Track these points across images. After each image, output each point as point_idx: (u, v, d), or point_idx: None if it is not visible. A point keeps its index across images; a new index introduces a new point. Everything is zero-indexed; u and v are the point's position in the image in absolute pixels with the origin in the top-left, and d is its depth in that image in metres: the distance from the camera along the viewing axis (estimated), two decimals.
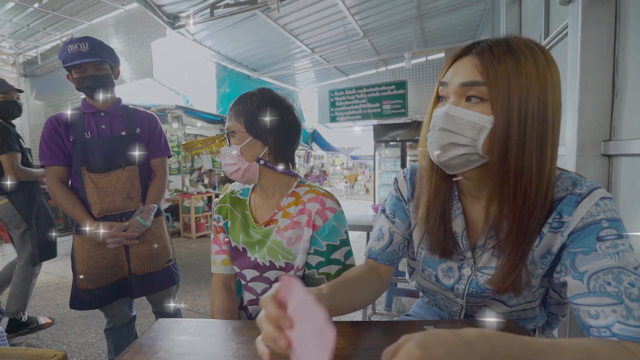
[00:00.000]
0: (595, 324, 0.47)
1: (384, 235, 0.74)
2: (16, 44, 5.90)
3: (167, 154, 1.54)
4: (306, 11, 4.64)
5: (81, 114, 1.37)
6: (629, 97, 1.09)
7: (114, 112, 1.41)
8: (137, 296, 1.45)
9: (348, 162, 16.10)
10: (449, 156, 0.55)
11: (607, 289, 0.47)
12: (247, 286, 0.89)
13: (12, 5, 4.49)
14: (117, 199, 1.38)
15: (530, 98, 0.50)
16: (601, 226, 0.51)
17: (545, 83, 0.51)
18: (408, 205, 0.73)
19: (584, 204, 0.53)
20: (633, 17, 1.08)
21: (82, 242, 1.39)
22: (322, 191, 0.87)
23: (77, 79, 1.33)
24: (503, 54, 0.51)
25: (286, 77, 7.50)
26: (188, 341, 0.63)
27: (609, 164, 1.17)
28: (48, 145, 1.34)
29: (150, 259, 1.45)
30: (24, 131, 6.34)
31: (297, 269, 0.83)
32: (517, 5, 2.62)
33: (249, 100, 0.84)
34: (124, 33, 4.63)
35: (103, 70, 1.36)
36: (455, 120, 0.54)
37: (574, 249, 0.52)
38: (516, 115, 0.50)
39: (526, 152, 0.51)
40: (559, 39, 1.63)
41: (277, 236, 0.84)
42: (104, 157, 1.35)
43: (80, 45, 1.28)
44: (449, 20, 5.30)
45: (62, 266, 3.86)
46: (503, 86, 0.50)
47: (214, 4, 3.81)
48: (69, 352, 2.06)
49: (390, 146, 6.81)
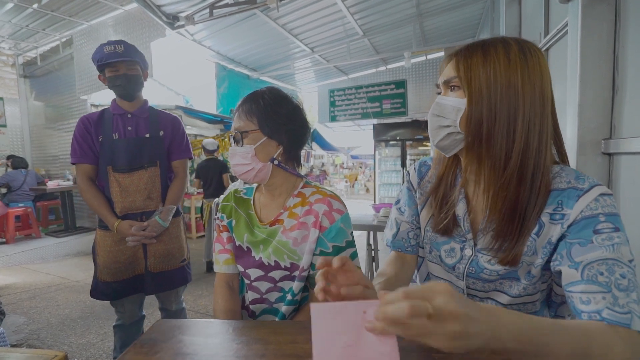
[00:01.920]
0: (587, 309, 0.50)
1: (393, 225, 0.82)
2: (15, 45, 5.90)
3: (188, 155, 1.60)
4: (305, 10, 4.64)
5: (110, 115, 1.46)
6: (629, 95, 1.09)
7: (140, 114, 1.48)
8: (151, 293, 1.51)
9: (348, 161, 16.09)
10: (439, 137, 0.65)
11: (598, 279, 0.51)
12: (251, 285, 0.89)
13: (11, 6, 4.48)
14: (138, 198, 1.44)
15: (498, 81, 0.58)
16: (598, 220, 0.54)
17: (517, 69, 0.58)
18: (417, 194, 0.80)
19: (584, 198, 0.56)
20: (633, 15, 1.08)
21: (104, 237, 1.46)
22: (329, 192, 0.88)
23: (110, 77, 1.41)
24: (475, 49, 0.61)
25: (286, 77, 7.49)
26: (189, 341, 0.63)
27: (610, 162, 1.17)
28: (79, 144, 1.42)
29: (167, 257, 1.50)
30: (24, 132, 6.35)
31: (302, 270, 0.83)
32: (516, 4, 2.61)
33: (261, 99, 0.83)
34: (124, 33, 4.63)
35: (134, 71, 1.44)
36: (441, 106, 0.65)
37: (571, 240, 0.56)
38: (485, 97, 0.59)
39: (496, 128, 0.59)
40: (559, 37, 1.63)
41: (282, 236, 0.84)
42: (128, 158, 1.42)
43: (115, 47, 1.38)
44: (449, 19, 5.29)
45: (63, 267, 3.86)
46: (473, 74, 0.60)
47: (214, 4, 3.80)
48: (70, 352, 2.06)
49: (390, 145, 6.80)
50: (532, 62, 0.59)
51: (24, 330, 2.36)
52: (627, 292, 0.49)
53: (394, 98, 6.53)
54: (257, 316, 0.90)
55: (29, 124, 6.41)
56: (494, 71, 0.58)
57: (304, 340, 0.62)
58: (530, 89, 0.58)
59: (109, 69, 1.40)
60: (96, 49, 1.41)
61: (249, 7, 3.75)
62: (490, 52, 0.59)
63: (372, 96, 6.66)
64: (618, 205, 1.14)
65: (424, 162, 0.82)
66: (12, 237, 4.78)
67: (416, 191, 0.80)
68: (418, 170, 0.82)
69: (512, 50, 0.59)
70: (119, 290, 1.45)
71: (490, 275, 0.66)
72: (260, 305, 0.90)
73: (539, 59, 0.60)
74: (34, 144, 6.37)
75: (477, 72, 0.59)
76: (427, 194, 0.76)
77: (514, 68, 0.58)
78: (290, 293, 0.85)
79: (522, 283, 0.64)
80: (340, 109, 7.01)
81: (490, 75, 0.59)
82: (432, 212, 0.74)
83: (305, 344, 0.60)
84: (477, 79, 0.59)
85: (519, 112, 0.58)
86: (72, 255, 4.46)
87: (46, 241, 4.86)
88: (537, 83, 0.58)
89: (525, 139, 0.58)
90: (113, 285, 1.44)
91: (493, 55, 0.59)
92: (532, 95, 0.58)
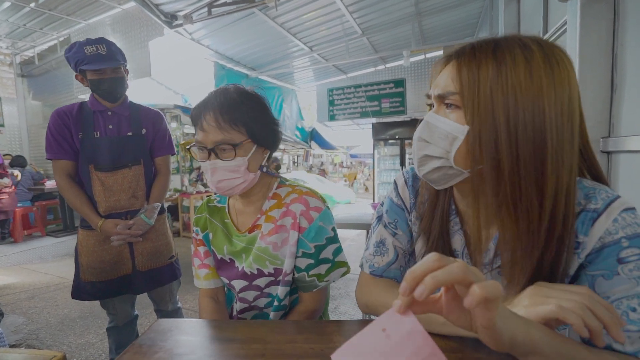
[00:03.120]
0: (622, 350, 0.44)
1: (389, 250, 0.67)
2: (13, 44, 5.87)
3: (171, 152, 1.56)
4: (304, 9, 4.62)
5: (90, 111, 1.38)
6: (628, 93, 1.09)
7: (121, 112, 1.42)
8: (140, 292, 1.47)
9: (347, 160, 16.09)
10: (426, 170, 0.53)
11: (630, 316, 0.43)
12: (238, 296, 0.86)
13: (8, 5, 4.46)
14: (123, 197, 1.40)
15: (519, 106, 0.43)
16: (621, 246, 0.45)
17: (541, 87, 0.43)
18: (410, 216, 0.67)
19: (600, 222, 0.47)
20: (632, 13, 1.08)
21: (87, 236, 1.41)
22: (304, 190, 0.83)
23: (93, 80, 1.33)
24: (485, 56, 0.45)
25: (284, 76, 7.48)
26: (188, 341, 0.63)
27: (608, 161, 1.17)
28: (56, 139, 1.34)
29: (154, 255, 1.48)
30: (21, 131, 6.32)
31: (286, 274, 0.80)
32: (515, 2, 2.61)
33: (240, 105, 0.75)
34: (122, 32, 4.61)
35: (119, 73, 1.36)
36: (431, 129, 0.50)
37: (592, 272, 0.47)
38: (503, 124, 0.44)
39: (520, 167, 0.44)
40: (558, 35, 1.63)
41: (261, 242, 0.81)
42: (111, 157, 1.37)
43: (98, 48, 1.28)
44: (448, 18, 5.29)
45: (61, 267, 3.85)
46: (482, 92, 0.45)
47: (212, 3, 3.79)
48: (69, 352, 2.06)
49: (389, 144, 6.80)
50: (561, 76, 0.44)
51: (23, 330, 2.35)
52: None
53: (392, 97, 6.53)
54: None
55: (26, 124, 6.40)
56: (513, 91, 0.43)
57: (304, 340, 0.61)
58: (559, 113, 0.44)
59: (92, 72, 1.31)
60: (73, 48, 1.29)
61: (247, 5, 3.74)
62: (505, 61, 0.44)
63: (371, 95, 6.66)
64: None
65: (416, 176, 0.67)
66: (20, 235, 4.78)
67: (410, 212, 0.66)
68: (411, 185, 0.67)
69: (534, 60, 0.43)
70: (104, 290, 1.41)
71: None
72: (250, 312, 0.88)
73: (568, 71, 0.45)
74: (32, 143, 6.35)
75: (487, 90, 0.44)
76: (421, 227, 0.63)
77: (537, 86, 0.43)
78: (276, 299, 0.83)
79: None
80: (339, 108, 7.01)
81: (509, 97, 0.43)
82: (427, 246, 0.62)
83: (304, 343, 0.60)
84: (487, 100, 0.44)
85: (547, 146, 0.44)
86: (70, 255, 4.45)
87: (45, 241, 4.84)
88: (565, 104, 0.44)
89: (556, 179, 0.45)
90: (98, 286, 1.40)
91: (511, 67, 0.43)
92: (560, 121, 0.44)
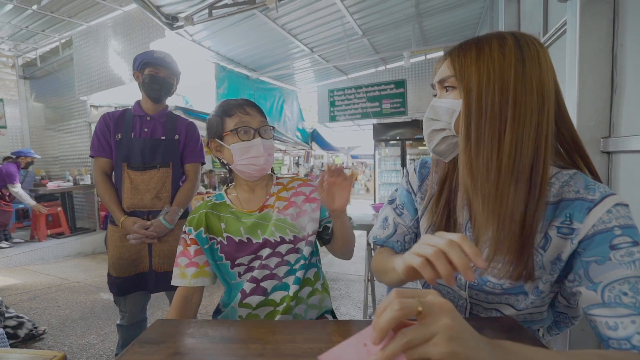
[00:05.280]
0: (615, 335, 0.46)
1: (389, 225, 0.79)
2: (15, 46, 5.90)
3: (201, 160, 1.63)
4: (305, 11, 4.63)
5: (131, 116, 1.53)
6: (628, 93, 1.09)
7: (159, 118, 1.56)
8: (154, 291, 1.54)
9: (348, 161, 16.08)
10: (435, 142, 0.63)
11: (623, 300, 0.46)
12: (262, 264, 0.92)
13: (10, 7, 4.49)
14: (147, 197, 1.48)
15: (491, 79, 0.54)
16: (614, 234, 0.49)
17: (511, 64, 0.54)
18: (416, 197, 0.77)
19: (596, 211, 0.52)
20: (631, 13, 1.08)
21: (113, 231, 1.51)
22: (303, 178, 1.05)
23: (149, 75, 1.48)
24: (469, 47, 0.58)
25: (285, 77, 7.49)
26: (187, 341, 0.63)
27: (609, 161, 1.17)
28: (99, 139, 1.50)
29: (172, 258, 1.50)
30: (23, 133, 6.35)
31: (308, 235, 0.94)
32: (515, 3, 2.61)
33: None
34: (123, 34, 4.63)
35: (171, 79, 1.55)
36: (435, 109, 0.63)
37: (586, 258, 0.51)
38: (475, 95, 0.55)
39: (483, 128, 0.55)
40: (558, 35, 1.62)
41: (280, 215, 0.94)
42: (142, 156, 1.48)
43: (165, 56, 1.52)
44: (448, 19, 5.29)
45: (63, 268, 3.87)
46: (467, 72, 0.57)
47: (212, 5, 3.80)
48: (70, 353, 2.06)
49: (390, 145, 6.80)
50: (530, 55, 0.54)
51: None
52: None
53: (393, 98, 6.53)
54: (268, 293, 0.91)
55: (28, 125, 6.42)
56: (486, 68, 0.55)
57: (303, 340, 0.62)
58: (526, 84, 0.54)
59: (150, 69, 1.48)
60: (145, 52, 1.52)
61: (248, 7, 3.74)
62: (484, 48, 0.56)
63: (372, 96, 6.66)
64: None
65: (424, 163, 0.78)
66: (43, 234, 4.83)
67: (416, 194, 0.77)
68: (419, 172, 0.78)
69: (507, 45, 0.55)
70: (122, 286, 1.49)
71: (494, 288, 0.62)
72: (272, 282, 0.92)
73: (538, 52, 0.55)
74: (34, 145, 6.36)
75: (470, 70, 0.56)
76: (429, 200, 0.72)
77: (508, 63, 0.54)
78: (302, 258, 0.93)
79: (530, 298, 0.61)
80: (340, 108, 7.00)
81: (483, 73, 0.55)
82: (434, 219, 0.69)
83: (303, 343, 0.60)
84: (470, 78, 0.56)
85: (509, 110, 0.54)
86: (72, 256, 4.47)
87: (46, 242, 4.86)
88: (535, 78, 0.54)
89: (518, 140, 0.53)
90: (117, 281, 1.48)
91: (487, 51, 0.56)
92: (528, 91, 0.54)
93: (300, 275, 0.92)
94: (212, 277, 0.97)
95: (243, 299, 0.91)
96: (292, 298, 0.90)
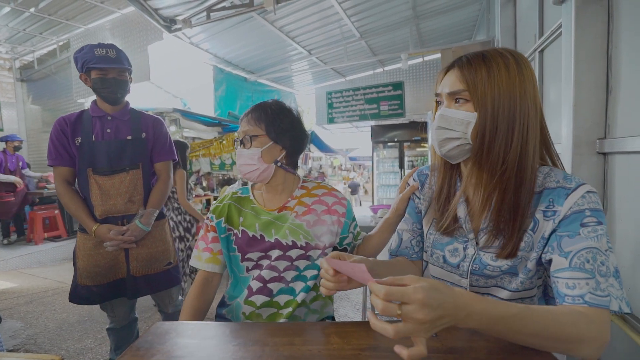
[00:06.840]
0: (571, 293, 0.57)
1: (396, 236, 0.91)
2: (12, 49, 5.89)
3: (172, 157, 1.55)
4: (302, 13, 4.65)
5: (89, 117, 1.41)
6: (623, 94, 1.10)
7: (121, 117, 1.44)
8: (134, 297, 1.47)
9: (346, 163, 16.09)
10: (447, 149, 0.71)
11: (585, 266, 0.57)
12: (270, 265, 0.93)
13: (8, 10, 4.48)
14: (119, 201, 1.40)
15: (501, 95, 0.64)
16: (585, 214, 0.61)
17: (515, 81, 0.64)
18: (420, 200, 0.87)
19: (572, 196, 0.63)
20: (625, 15, 1.09)
21: (84, 240, 1.42)
22: (330, 187, 1.05)
23: (97, 79, 1.37)
24: (478, 64, 0.66)
25: (283, 79, 7.50)
26: (185, 344, 0.63)
27: (605, 162, 1.18)
28: (55, 146, 1.38)
29: (149, 261, 1.46)
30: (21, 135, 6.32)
31: (325, 247, 0.95)
32: (511, 6, 2.64)
33: (269, 109, 0.96)
34: (121, 37, 4.63)
35: (123, 77, 1.42)
36: (448, 119, 0.69)
37: (561, 233, 0.62)
38: (490, 109, 0.65)
39: (497, 137, 0.65)
40: (553, 38, 1.64)
41: (296, 220, 0.95)
42: (109, 160, 1.38)
43: (108, 51, 1.37)
44: (445, 21, 5.32)
45: (60, 271, 3.84)
46: (480, 89, 0.65)
47: (211, 7, 3.81)
48: (67, 357, 2.04)
49: (388, 147, 6.82)
50: (527, 73, 0.65)
51: (21, 335, 2.34)
52: (606, 277, 0.56)
53: (391, 100, 6.54)
54: (274, 295, 0.92)
55: (25, 128, 6.40)
56: (497, 86, 0.64)
57: (301, 342, 0.62)
58: (525, 99, 0.64)
59: (96, 71, 1.36)
60: (84, 49, 1.36)
61: (246, 10, 3.75)
62: (492, 66, 0.65)
63: (370, 98, 6.68)
64: (613, 203, 1.15)
65: (421, 172, 0.91)
66: (40, 237, 4.79)
67: (420, 198, 0.88)
68: (418, 179, 0.90)
69: (510, 64, 0.65)
70: (100, 294, 1.41)
71: (494, 271, 0.70)
72: (278, 284, 0.93)
73: (530, 70, 0.66)
74: (31, 148, 6.34)
75: (484, 87, 0.65)
76: (430, 199, 0.83)
77: (512, 81, 0.64)
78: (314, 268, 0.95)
79: (520, 277, 0.68)
80: (338, 110, 7.02)
81: (495, 90, 0.64)
82: (435, 215, 0.80)
83: (302, 345, 0.60)
84: (484, 94, 0.65)
85: (516, 121, 0.64)
86: (69, 259, 4.43)
87: (43, 245, 4.83)
88: (530, 93, 0.65)
89: (522, 145, 0.65)
90: (93, 290, 1.40)
91: (495, 69, 0.65)
92: (527, 104, 0.65)
93: (311, 284, 0.93)
94: (222, 266, 1.00)
95: (249, 296, 0.92)
96: (298, 304, 0.91)
